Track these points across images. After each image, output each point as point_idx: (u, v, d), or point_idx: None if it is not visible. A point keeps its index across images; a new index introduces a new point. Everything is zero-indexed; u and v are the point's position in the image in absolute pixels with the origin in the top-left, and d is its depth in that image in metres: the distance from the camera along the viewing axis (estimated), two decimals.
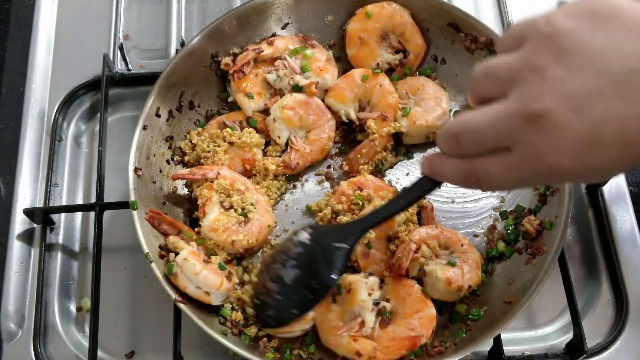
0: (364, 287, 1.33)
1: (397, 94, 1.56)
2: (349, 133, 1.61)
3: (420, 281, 1.38)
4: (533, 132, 0.84)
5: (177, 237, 1.38)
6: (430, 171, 1.05)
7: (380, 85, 1.55)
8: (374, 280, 1.35)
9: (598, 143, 0.82)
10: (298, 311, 1.28)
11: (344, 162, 1.55)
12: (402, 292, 1.36)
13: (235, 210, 1.41)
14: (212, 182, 1.43)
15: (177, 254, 1.34)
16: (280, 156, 1.54)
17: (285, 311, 1.27)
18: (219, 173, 1.44)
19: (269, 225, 1.45)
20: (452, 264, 1.37)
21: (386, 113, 1.53)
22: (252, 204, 1.42)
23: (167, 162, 1.51)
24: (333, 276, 1.25)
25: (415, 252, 1.38)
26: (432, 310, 1.34)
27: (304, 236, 1.29)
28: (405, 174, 1.56)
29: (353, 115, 1.55)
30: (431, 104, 1.55)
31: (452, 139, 0.94)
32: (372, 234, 1.41)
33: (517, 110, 0.85)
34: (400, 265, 1.37)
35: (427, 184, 1.14)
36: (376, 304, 1.32)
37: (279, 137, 1.53)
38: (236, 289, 1.40)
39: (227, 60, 1.55)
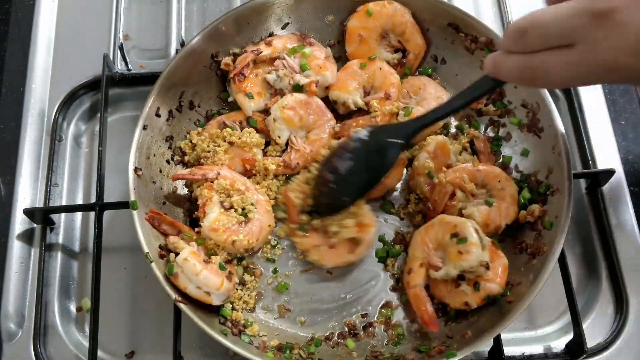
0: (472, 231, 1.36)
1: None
2: None
3: None
4: (598, 28, 0.88)
5: (177, 237, 1.38)
6: (492, 67, 1.08)
7: (380, 68, 1.56)
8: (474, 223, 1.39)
9: None
10: (349, 198, 1.41)
11: (338, 124, 1.56)
12: None
13: (236, 210, 1.41)
14: (212, 182, 1.43)
15: (177, 254, 1.34)
16: (280, 156, 1.54)
17: (338, 198, 1.41)
18: (219, 173, 1.44)
19: (269, 225, 1.45)
20: (489, 204, 1.42)
21: (389, 92, 1.54)
22: (252, 204, 1.42)
23: (167, 162, 1.51)
24: (384, 167, 1.38)
25: (451, 197, 1.43)
26: (504, 260, 1.38)
27: (363, 133, 1.39)
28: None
29: (360, 102, 1.56)
30: (433, 104, 1.55)
31: (520, 32, 0.98)
32: (431, 164, 1.46)
33: (585, 8, 0.89)
34: (435, 208, 1.43)
35: (487, 82, 1.18)
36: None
37: (279, 137, 1.53)
38: (237, 289, 1.40)
39: (227, 60, 1.55)
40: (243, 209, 1.42)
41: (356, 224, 1.42)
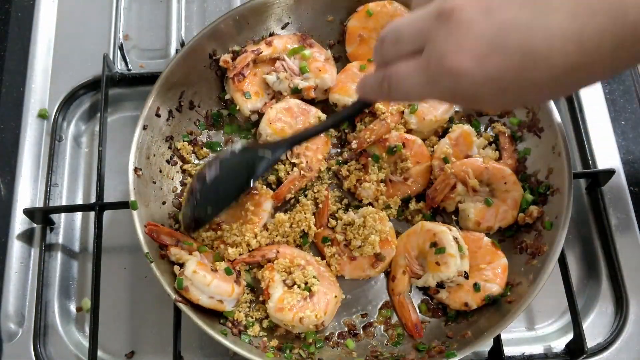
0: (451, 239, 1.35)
1: None
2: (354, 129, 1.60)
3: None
4: (442, 29, 0.84)
5: (178, 249, 1.36)
6: (358, 88, 1.08)
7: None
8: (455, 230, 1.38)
9: (501, 47, 0.81)
10: (212, 210, 1.36)
11: (353, 139, 1.53)
12: (472, 246, 1.39)
13: (299, 286, 1.37)
14: (272, 262, 1.40)
15: (181, 265, 1.34)
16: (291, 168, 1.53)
17: (202, 210, 1.36)
18: (277, 251, 1.42)
19: (335, 296, 1.38)
20: (487, 203, 1.41)
21: None
22: (314, 277, 1.37)
23: (167, 162, 1.51)
24: (250, 181, 1.34)
25: (452, 189, 1.43)
26: (504, 260, 1.38)
27: (237, 146, 1.39)
28: None
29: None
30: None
31: (380, 42, 0.96)
32: (450, 150, 1.47)
33: (434, 8, 0.86)
34: (434, 197, 1.42)
35: (357, 104, 1.18)
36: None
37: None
38: (246, 293, 1.40)
39: (226, 57, 1.55)
40: (306, 283, 1.37)
41: (380, 241, 1.40)
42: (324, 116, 1.55)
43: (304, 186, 1.51)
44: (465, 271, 1.34)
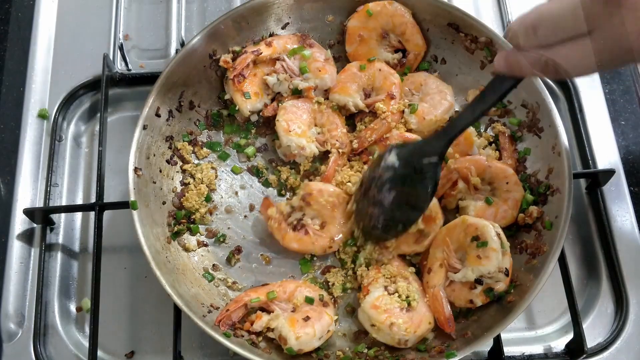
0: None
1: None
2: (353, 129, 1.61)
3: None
4: (614, 14, 0.91)
5: (261, 317, 1.34)
6: (507, 67, 1.10)
7: (380, 70, 1.56)
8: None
9: None
10: (402, 227, 1.36)
11: (354, 139, 1.55)
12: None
13: (399, 296, 1.36)
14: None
15: (269, 328, 1.34)
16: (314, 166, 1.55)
17: (392, 229, 1.36)
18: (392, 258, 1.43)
19: (429, 322, 1.35)
20: (488, 202, 1.42)
21: (392, 92, 1.54)
22: (417, 294, 1.37)
23: (167, 162, 1.51)
24: (428, 187, 1.31)
25: (453, 187, 1.44)
26: (509, 258, 1.34)
27: (392, 159, 1.32)
28: None
29: (361, 104, 1.56)
30: (437, 99, 1.55)
31: (531, 28, 0.99)
32: (449, 149, 1.41)
33: None
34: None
35: (504, 82, 1.16)
36: None
37: (306, 149, 1.51)
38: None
39: (226, 57, 1.55)
40: (407, 296, 1.35)
41: (423, 217, 1.39)
42: (322, 100, 1.56)
43: (346, 162, 1.54)
44: (506, 268, 1.32)
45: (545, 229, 1.39)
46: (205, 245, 1.50)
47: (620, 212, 1.54)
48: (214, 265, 1.47)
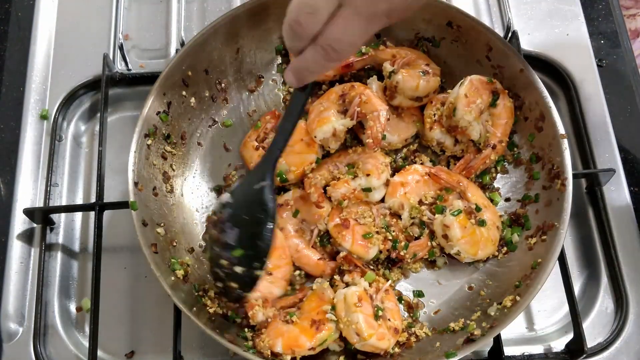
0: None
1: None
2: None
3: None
4: None
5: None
6: (298, 76, 1.13)
7: (353, 86, 1.50)
8: None
9: None
10: (259, 263, 1.26)
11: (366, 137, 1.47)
12: None
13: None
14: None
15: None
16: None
17: (248, 272, 1.26)
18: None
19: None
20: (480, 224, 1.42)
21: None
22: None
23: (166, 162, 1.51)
24: (268, 208, 1.26)
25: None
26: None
27: (225, 197, 1.28)
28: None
29: (345, 122, 1.46)
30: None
31: (294, 26, 1.03)
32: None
33: None
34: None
35: (300, 94, 1.20)
36: None
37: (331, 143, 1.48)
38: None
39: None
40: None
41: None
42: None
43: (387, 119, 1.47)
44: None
45: (545, 229, 1.39)
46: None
47: (620, 212, 1.54)
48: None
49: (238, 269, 1.25)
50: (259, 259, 1.26)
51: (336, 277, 1.42)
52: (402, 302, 1.43)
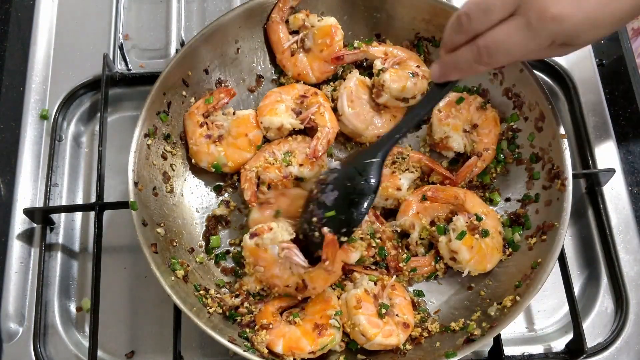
0: None
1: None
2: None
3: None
4: None
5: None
6: (443, 70, 1.15)
7: (316, 93, 1.54)
8: None
9: None
10: (347, 230, 1.29)
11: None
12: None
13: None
14: None
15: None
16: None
17: (338, 229, 1.28)
18: None
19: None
20: (484, 234, 1.41)
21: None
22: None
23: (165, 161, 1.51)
24: (371, 183, 1.30)
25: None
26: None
27: (335, 164, 1.38)
28: None
29: (294, 123, 1.51)
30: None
31: (463, 17, 1.05)
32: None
33: None
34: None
35: (440, 88, 1.22)
36: None
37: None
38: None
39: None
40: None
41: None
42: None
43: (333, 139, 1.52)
44: None
45: (545, 229, 1.39)
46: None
47: (620, 212, 1.54)
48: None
49: (325, 230, 1.27)
50: (348, 226, 1.29)
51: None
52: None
